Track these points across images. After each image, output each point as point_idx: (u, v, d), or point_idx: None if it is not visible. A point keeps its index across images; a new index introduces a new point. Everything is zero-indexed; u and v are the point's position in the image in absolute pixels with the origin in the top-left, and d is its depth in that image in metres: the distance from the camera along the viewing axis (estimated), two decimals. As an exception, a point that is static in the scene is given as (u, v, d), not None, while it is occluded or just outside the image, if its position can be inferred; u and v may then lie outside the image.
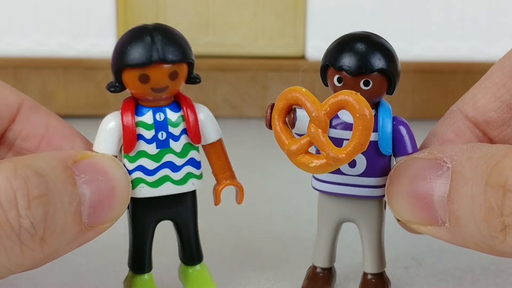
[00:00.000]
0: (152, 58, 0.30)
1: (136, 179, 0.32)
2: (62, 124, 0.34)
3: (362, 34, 0.33)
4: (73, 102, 0.71)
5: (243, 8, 0.72)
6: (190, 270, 0.35)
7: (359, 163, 0.33)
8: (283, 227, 0.45)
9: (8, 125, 0.33)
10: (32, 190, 0.27)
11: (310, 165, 0.30)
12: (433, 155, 0.30)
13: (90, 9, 0.70)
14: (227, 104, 0.71)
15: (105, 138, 0.32)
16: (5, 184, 0.26)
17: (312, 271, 0.36)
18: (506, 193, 0.27)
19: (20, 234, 0.26)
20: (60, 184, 0.28)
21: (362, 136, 0.29)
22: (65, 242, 0.29)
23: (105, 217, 0.30)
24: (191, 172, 0.33)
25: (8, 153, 0.34)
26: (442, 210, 0.29)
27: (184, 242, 0.34)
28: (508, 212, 0.27)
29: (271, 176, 0.56)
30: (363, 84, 0.32)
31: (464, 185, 0.28)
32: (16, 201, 0.26)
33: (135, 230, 0.33)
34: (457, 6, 0.69)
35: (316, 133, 0.30)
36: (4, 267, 0.27)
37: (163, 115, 0.32)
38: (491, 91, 0.34)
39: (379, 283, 0.35)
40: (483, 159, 0.28)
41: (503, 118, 0.34)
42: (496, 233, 0.28)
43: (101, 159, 0.30)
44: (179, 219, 0.34)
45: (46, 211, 0.27)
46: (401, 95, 0.70)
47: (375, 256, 0.35)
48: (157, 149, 0.32)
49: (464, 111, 0.34)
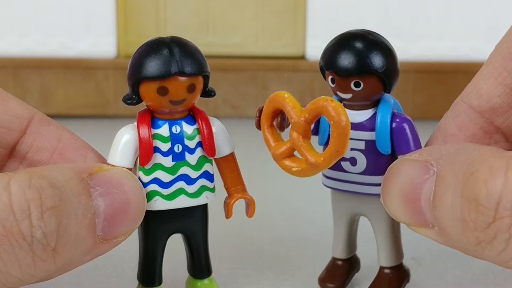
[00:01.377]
0: (171, 71, 0.30)
1: (151, 192, 0.32)
2: (73, 137, 0.34)
3: (359, 33, 0.32)
4: (73, 102, 0.71)
5: (243, 8, 0.72)
6: (198, 283, 0.35)
7: (359, 161, 0.33)
8: (283, 227, 0.45)
9: (19, 138, 0.33)
10: (46, 201, 0.27)
11: (292, 169, 0.31)
12: (423, 157, 0.30)
13: (90, 9, 0.70)
14: (227, 104, 0.71)
15: (120, 150, 0.32)
16: (19, 194, 0.26)
17: (332, 263, 0.37)
18: (479, 208, 0.26)
19: (32, 244, 0.26)
20: (75, 196, 0.28)
21: (338, 143, 0.29)
22: (79, 254, 0.28)
23: (120, 231, 0.30)
24: (205, 185, 0.33)
25: (20, 166, 0.34)
26: (429, 214, 0.29)
27: (194, 255, 0.34)
28: (481, 227, 0.26)
29: (271, 176, 0.56)
30: (353, 86, 0.32)
31: (445, 192, 0.28)
32: (30, 211, 0.26)
33: (147, 243, 0.33)
34: (457, 6, 0.69)
35: (297, 138, 0.31)
36: (16, 277, 0.27)
37: (179, 128, 0.32)
38: (493, 77, 0.33)
39: (395, 277, 0.35)
40: (463, 165, 0.27)
41: (508, 102, 0.32)
42: (473, 247, 0.27)
43: (117, 173, 0.30)
44: (190, 232, 0.34)
45: (59, 222, 0.27)
46: (401, 95, 0.70)
47: (388, 249, 0.35)
48: (173, 161, 0.32)
49: (468, 102, 0.33)
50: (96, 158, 0.33)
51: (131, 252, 0.36)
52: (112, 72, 0.70)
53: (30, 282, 0.28)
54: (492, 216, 0.26)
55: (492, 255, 0.26)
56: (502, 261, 0.27)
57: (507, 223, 0.25)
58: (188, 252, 0.35)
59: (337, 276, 0.36)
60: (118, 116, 0.71)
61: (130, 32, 0.72)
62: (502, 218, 0.25)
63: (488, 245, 0.26)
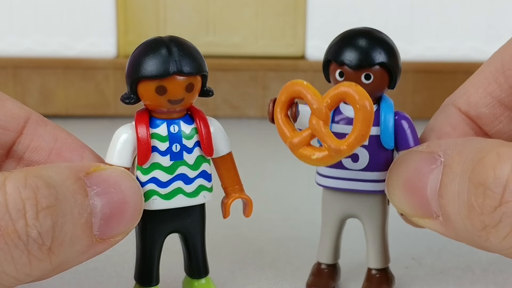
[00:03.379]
0: (169, 70, 0.30)
1: (149, 191, 0.32)
2: (70, 137, 0.34)
3: (364, 29, 0.33)
4: (73, 102, 0.71)
5: (243, 8, 0.72)
6: (195, 283, 0.35)
7: (362, 157, 0.33)
8: (283, 227, 0.45)
9: (16, 138, 0.33)
10: (41, 201, 0.27)
11: (312, 157, 0.30)
12: (430, 149, 0.30)
13: (90, 9, 0.70)
14: (227, 104, 0.71)
15: (118, 150, 0.32)
16: (15, 193, 0.26)
17: (317, 268, 0.37)
18: (486, 192, 0.27)
19: (28, 243, 0.26)
20: (71, 195, 0.28)
21: (363, 127, 0.29)
22: (75, 253, 0.28)
23: (117, 230, 0.30)
24: (203, 184, 0.33)
25: (17, 166, 0.34)
26: (435, 204, 0.29)
27: (191, 255, 0.34)
28: (487, 211, 0.27)
29: (271, 176, 0.56)
30: (364, 78, 0.32)
31: (452, 180, 0.28)
32: (25, 210, 0.26)
33: (145, 242, 0.33)
34: (457, 6, 0.69)
35: (318, 125, 0.30)
36: (12, 277, 0.27)
37: (177, 127, 0.32)
38: (483, 86, 0.33)
39: (383, 279, 0.35)
40: (471, 154, 0.28)
41: (494, 113, 0.33)
42: (478, 232, 0.27)
43: (114, 172, 0.30)
44: (187, 231, 0.34)
45: (54, 221, 0.27)
46: (401, 95, 0.70)
47: (379, 251, 0.35)
48: (171, 161, 0.32)
49: (457, 105, 0.34)
50: (93, 158, 0.33)
51: (131, 253, 0.36)
52: (112, 72, 0.70)
53: (26, 282, 0.28)
54: (499, 200, 0.26)
55: (496, 240, 0.27)
56: (504, 247, 0.27)
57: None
58: (185, 252, 0.35)
59: (324, 280, 0.36)
60: (118, 116, 0.71)
61: (130, 32, 0.72)
62: (508, 202, 0.26)
63: (493, 230, 0.27)
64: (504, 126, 0.34)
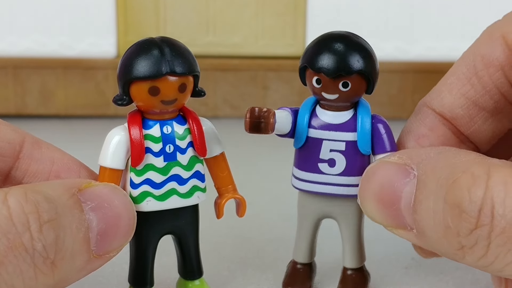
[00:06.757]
0: (162, 71, 0.30)
1: (143, 193, 0.32)
2: (65, 156, 0.34)
3: (340, 34, 0.33)
4: (73, 102, 0.71)
5: (243, 8, 0.72)
6: (189, 285, 0.35)
7: (339, 162, 0.33)
8: (283, 227, 0.45)
9: (13, 164, 0.33)
10: (43, 214, 0.27)
11: None
12: (402, 160, 0.30)
13: (90, 9, 0.70)
14: (227, 104, 0.71)
15: (112, 152, 0.31)
16: (18, 207, 0.26)
17: (292, 267, 0.37)
18: (462, 214, 0.26)
19: (34, 257, 0.26)
20: (68, 209, 0.28)
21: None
22: (75, 269, 0.29)
23: (112, 245, 0.30)
24: (197, 185, 0.33)
25: None
26: (409, 217, 0.29)
27: (185, 256, 0.34)
28: (464, 233, 0.27)
29: (271, 176, 0.56)
30: (342, 86, 0.32)
31: (426, 197, 0.28)
32: (29, 224, 0.26)
33: (139, 244, 0.33)
34: (457, 6, 0.69)
35: None
36: None
37: (170, 128, 0.32)
38: (457, 88, 0.33)
39: (359, 278, 0.36)
40: (445, 171, 0.28)
41: (469, 114, 0.33)
42: (455, 251, 0.27)
43: (106, 187, 0.30)
44: (181, 232, 0.34)
45: (57, 235, 0.27)
46: (401, 95, 0.70)
47: (354, 251, 0.35)
48: (165, 162, 0.32)
49: (432, 107, 0.34)
50: (89, 176, 0.34)
51: (131, 252, 0.36)
52: (112, 72, 0.70)
53: None
54: (474, 223, 0.26)
55: (472, 260, 0.27)
56: (481, 266, 0.27)
57: (487, 230, 0.26)
58: (179, 253, 0.35)
59: (300, 280, 0.36)
60: (118, 116, 0.71)
61: (130, 32, 0.72)
62: (483, 226, 0.26)
63: (469, 251, 0.27)
64: (480, 126, 0.33)
